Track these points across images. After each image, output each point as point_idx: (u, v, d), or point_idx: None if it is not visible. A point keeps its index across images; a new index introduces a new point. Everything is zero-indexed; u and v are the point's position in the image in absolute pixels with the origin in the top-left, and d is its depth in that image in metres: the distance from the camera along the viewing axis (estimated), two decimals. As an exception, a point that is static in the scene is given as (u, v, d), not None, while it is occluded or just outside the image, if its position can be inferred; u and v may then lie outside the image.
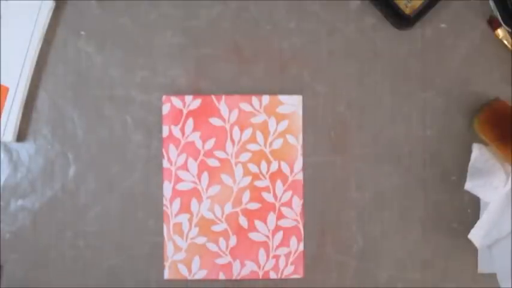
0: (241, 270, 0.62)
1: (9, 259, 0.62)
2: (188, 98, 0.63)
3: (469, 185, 0.59)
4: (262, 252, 0.62)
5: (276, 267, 0.62)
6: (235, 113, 0.63)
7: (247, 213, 0.62)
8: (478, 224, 0.58)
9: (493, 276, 0.60)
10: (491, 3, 0.63)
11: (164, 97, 0.63)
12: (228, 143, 0.63)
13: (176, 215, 0.62)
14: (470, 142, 0.61)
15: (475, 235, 0.58)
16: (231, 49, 0.63)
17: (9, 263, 0.62)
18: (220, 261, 0.62)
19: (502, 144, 0.59)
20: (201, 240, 0.62)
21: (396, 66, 0.64)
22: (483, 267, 0.62)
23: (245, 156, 0.63)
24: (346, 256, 0.63)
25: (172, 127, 0.63)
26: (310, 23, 0.64)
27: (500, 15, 0.62)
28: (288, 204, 0.63)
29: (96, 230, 0.63)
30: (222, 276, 0.62)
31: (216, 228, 0.62)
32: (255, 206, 0.62)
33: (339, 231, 0.63)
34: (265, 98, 0.63)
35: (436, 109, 0.64)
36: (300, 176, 0.63)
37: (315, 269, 0.63)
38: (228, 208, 0.62)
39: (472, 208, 0.63)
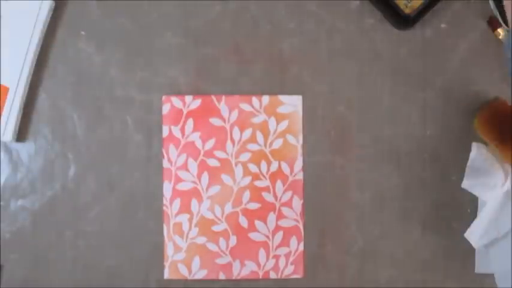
0: (241, 270, 0.62)
1: (9, 259, 0.62)
2: (188, 98, 0.63)
3: (466, 184, 0.59)
4: (262, 252, 0.62)
5: (276, 267, 0.62)
6: (235, 113, 0.63)
7: (247, 213, 0.62)
8: (475, 223, 0.58)
9: (492, 277, 0.60)
10: (491, 3, 0.63)
11: (164, 97, 0.63)
12: (228, 143, 0.63)
13: (176, 215, 0.62)
14: (470, 142, 0.60)
15: (472, 234, 0.58)
16: (231, 49, 0.63)
17: (9, 263, 0.62)
18: (220, 261, 0.62)
19: (502, 144, 0.59)
20: (201, 240, 0.62)
21: (396, 66, 0.64)
22: (481, 268, 0.62)
23: (245, 156, 0.63)
24: (346, 256, 0.63)
25: (172, 127, 0.63)
26: (310, 23, 0.64)
27: (500, 15, 0.62)
28: (288, 204, 0.63)
29: (96, 230, 0.63)
30: (222, 276, 0.62)
31: (216, 228, 0.62)
32: (255, 206, 0.62)
33: (339, 231, 0.63)
34: (265, 98, 0.63)
35: (436, 109, 0.64)
36: (300, 176, 0.63)
37: (315, 269, 0.63)
38: (228, 208, 0.62)
39: (471, 208, 0.63)
